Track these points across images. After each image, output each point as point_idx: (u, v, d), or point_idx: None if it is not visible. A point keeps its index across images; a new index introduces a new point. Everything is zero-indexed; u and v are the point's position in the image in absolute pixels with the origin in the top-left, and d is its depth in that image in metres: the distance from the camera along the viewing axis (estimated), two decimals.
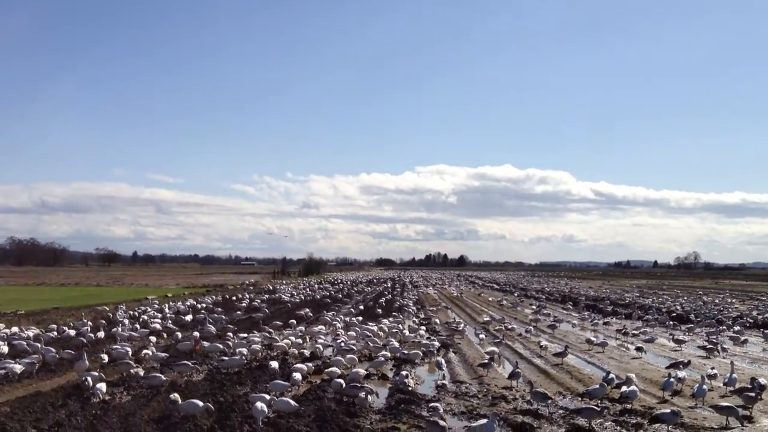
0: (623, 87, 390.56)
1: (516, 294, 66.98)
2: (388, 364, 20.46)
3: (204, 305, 42.36)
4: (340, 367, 18.69)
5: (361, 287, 75.74)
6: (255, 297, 52.99)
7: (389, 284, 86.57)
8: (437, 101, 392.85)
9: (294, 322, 31.63)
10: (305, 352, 22.59)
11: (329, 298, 52.61)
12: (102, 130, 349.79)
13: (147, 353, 20.79)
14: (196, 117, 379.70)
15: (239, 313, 37.85)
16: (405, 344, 24.17)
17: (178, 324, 30.80)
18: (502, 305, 50.61)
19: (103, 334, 26.00)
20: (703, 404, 15.44)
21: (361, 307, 43.72)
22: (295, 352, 22.56)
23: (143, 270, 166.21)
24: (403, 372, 18.05)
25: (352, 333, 26.36)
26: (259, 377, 17.85)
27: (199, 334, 26.08)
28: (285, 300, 50.30)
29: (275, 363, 18.98)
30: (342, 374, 17.70)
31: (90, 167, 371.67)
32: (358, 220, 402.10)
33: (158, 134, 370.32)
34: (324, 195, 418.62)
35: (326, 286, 72.90)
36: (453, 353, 24.01)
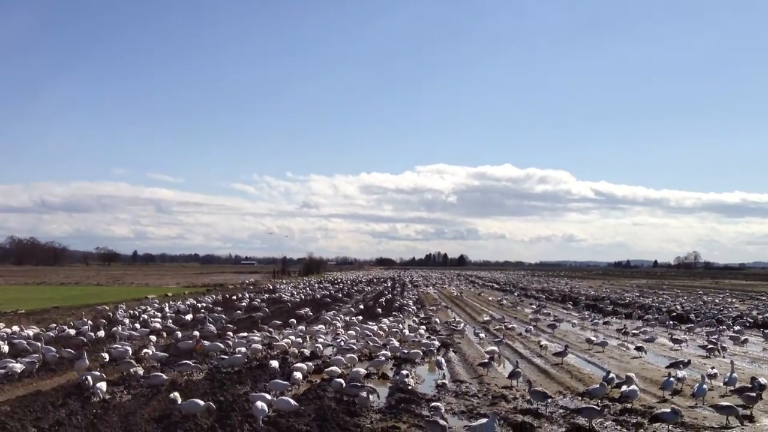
0: (623, 87, 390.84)
1: (516, 293, 66.97)
2: (388, 364, 20.46)
3: (204, 304, 42.37)
4: (340, 367, 18.71)
5: (361, 287, 75.76)
6: (255, 296, 53.00)
7: (389, 284, 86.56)
8: (437, 101, 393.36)
9: (294, 322, 31.66)
10: (305, 352, 22.62)
11: (329, 298, 52.61)
12: (102, 130, 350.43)
13: (147, 352, 20.81)
14: (196, 116, 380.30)
15: (239, 313, 37.85)
16: (405, 344, 24.17)
17: (179, 323, 30.81)
18: (502, 305, 50.63)
19: (104, 334, 26.05)
20: (704, 404, 15.45)
21: (361, 307, 43.74)
22: (295, 352, 22.57)
23: (143, 269, 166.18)
24: (404, 371, 18.05)
25: (352, 332, 26.35)
26: (260, 376, 17.86)
27: (200, 334, 26.12)
28: (285, 299, 50.32)
29: (275, 362, 18.98)
30: (342, 374, 17.73)
31: (90, 167, 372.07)
32: (358, 220, 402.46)
33: (158, 134, 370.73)
34: (324, 194, 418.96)
35: (326, 286, 72.90)
36: (453, 352, 24.01)
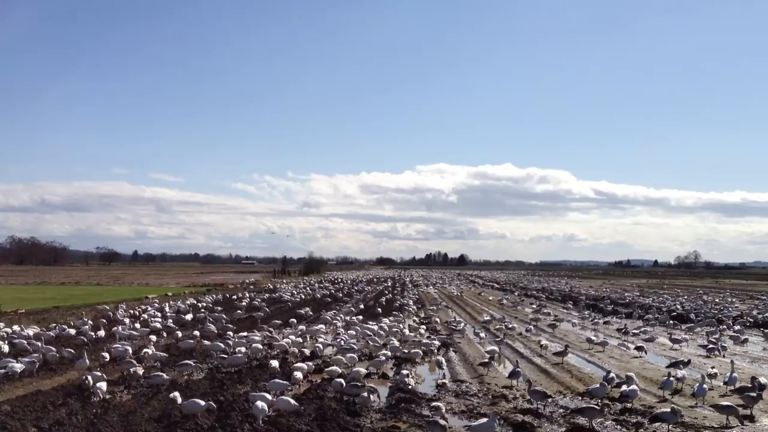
0: (623, 86, 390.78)
1: (516, 293, 66.95)
2: (389, 363, 20.46)
3: (204, 304, 42.37)
4: (341, 366, 18.72)
5: (362, 286, 75.73)
6: (255, 296, 53.00)
7: (389, 283, 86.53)
8: (437, 100, 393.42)
9: (294, 321, 31.67)
10: (305, 351, 22.61)
11: (329, 297, 52.60)
12: (103, 130, 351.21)
13: (147, 352, 20.80)
14: (197, 116, 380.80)
15: (240, 312, 37.85)
16: (405, 343, 24.15)
17: (179, 323, 30.80)
18: (503, 304, 50.60)
19: (104, 333, 26.05)
20: (704, 403, 15.45)
21: (362, 306, 43.76)
22: (296, 351, 22.57)
23: (144, 269, 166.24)
24: (404, 371, 18.05)
25: (353, 332, 26.34)
26: (260, 376, 17.86)
27: (200, 333, 26.13)
28: (285, 299, 50.31)
29: (275, 362, 18.98)
30: (342, 373, 17.73)
31: (90, 166, 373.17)
32: (359, 219, 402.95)
33: (159, 133, 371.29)
34: (324, 194, 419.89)
35: (326, 285, 72.89)
36: (453, 352, 24.01)
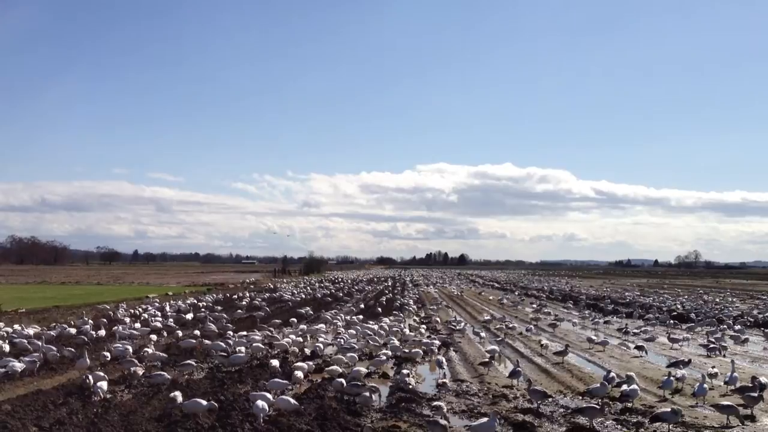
0: (624, 86, 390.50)
1: (516, 293, 66.97)
2: (389, 363, 20.46)
3: (205, 304, 42.39)
4: (341, 366, 18.72)
5: (362, 286, 75.74)
6: (256, 296, 53.02)
7: (390, 283, 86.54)
8: (437, 100, 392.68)
9: (294, 321, 31.67)
10: (306, 351, 22.61)
11: (330, 297, 52.59)
12: (103, 129, 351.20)
13: (147, 351, 20.79)
14: (197, 116, 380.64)
15: (240, 312, 37.86)
16: (406, 343, 24.15)
17: (179, 322, 30.81)
18: (503, 304, 50.61)
19: (104, 333, 26.07)
20: (704, 403, 15.45)
21: (362, 306, 43.78)
22: (296, 351, 22.58)
23: (144, 268, 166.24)
24: (404, 371, 18.06)
25: (353, 332, 26.35)
26: (260, 376, 17.86)
27: (201, 333, 26.13)
28: (286, 299, 50.32)
29: (276, 361, 18.97)
30: (343, 373, 17.74)
31: (91, 166, 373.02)
32: (359, 219, 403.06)
33: (159, 133, 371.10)
34: (324, 193, 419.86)
35: (327, 285, 72.91)
36: (454, 352, 24.01)
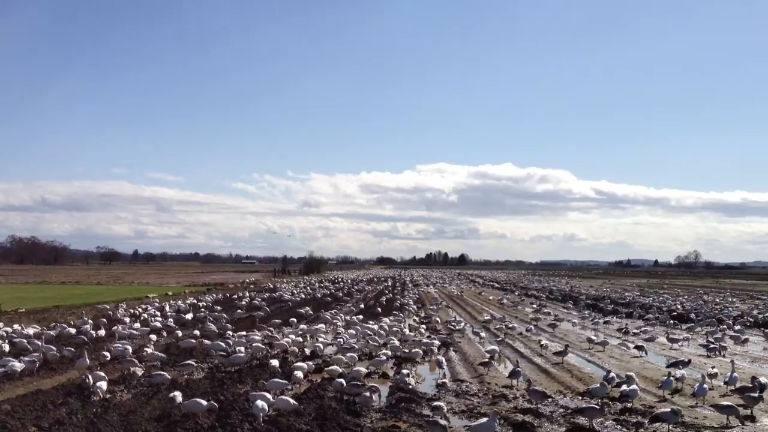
0: (624, 86, 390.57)
1: (516, 293, 66.97)
2: (389, 363, 20.45)
3: (205, 304, 42.38)
4: (341, 366, 18.71)
5: (362, 286, 75.72)
6: (256, 295, 53.01)
7: (390, 283, 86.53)
8: (437, 100, 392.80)
9: (294, 321, 31.67)
10: (306, 351, 22.60)
11: (330, 297, 52.58)
12: (103, 129, 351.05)
13: (146, 351, 20.77)
14: (197, 116, 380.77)
15: (240, 312, 37.85)
16: (405, 343, 24.14)
17: (179, 322, 30.81)
18: (503, 304, 50.59)
19: (104, 333, 26.06)
20: (704, 403, 15.45)
21: (362, 306, 43.78)
22: (296, 351, 22.57)
23: (144, 268, 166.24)
24: (404, 370, 18.05)
25: (353, 331, 26.35)
26: (260, 376, 17.85)
27: (201, 333, 26.12)
28: (286, 298, 50.31)
29: (275, 361, 18.97)
30: (342, 373, 17.73)
31: (91, 166, 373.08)
32: (359, 219, 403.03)
33: (159, 133, 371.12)
34: (324, 193, 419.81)
35: (327, 285, 72.90)
36: (453, 352, 24.00)
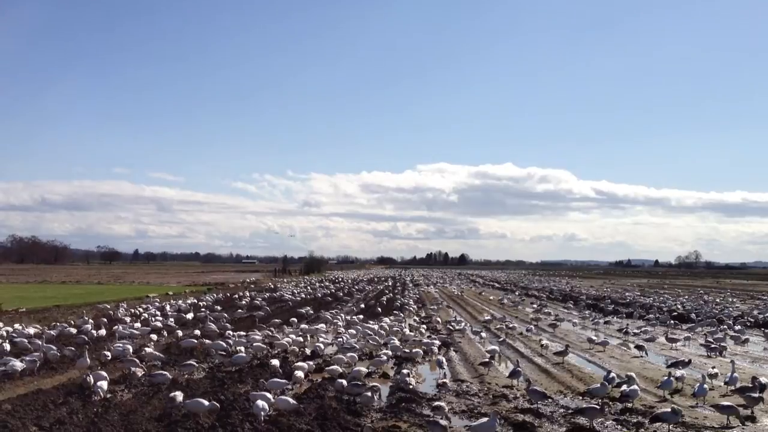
0: (624, 85, 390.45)
1: (517, 293, 66.95)
2: (389, 363, 20.46)
3: (205, 303, 42.39)
4: (341, 366, 18.72)
5: (362, 286, 75.70)
6: (256, 295, 53.01)
7: (390, 283, 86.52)
8: (438, 100, 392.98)
9: (295, 321, 31.67)
10: (306, 351, 22.61)
11: (330, 297, 52.59)
12: (103, 129, 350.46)
13: (146, 351, 20.77)
14: (197, 115, 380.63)
15: (241, 312, 37.86)
16: (406, 343, 24.15)
17: (180, 322, 30.82)
18: (503, 304, 50.59)
19: (105, 332, 26.07)
20: (704, 403, 15.45)
21: (362, 306, 43.78)
22: (296, 350, 22.57)
23: (144, 268, 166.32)
24: (404, 370, 18.06)
25: (353, 331, 26.35)
26: (261, 375, 17.84)
27: (201, 332, 26.12)
28: (286, 298, 50.32)
29: (276, 361, 18.97)
30: (343, 372, 17.74)
31: (91, 165, 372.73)
32: (359, 219, 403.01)
33: (159, 132, 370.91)
34: (325, 193, 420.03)
35: (327, 285, 72.91)
36: (454, 352, 24.00)
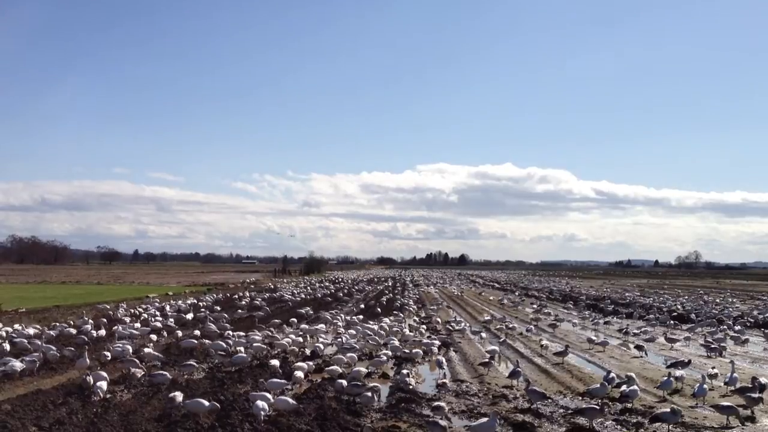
0: (624, 86, 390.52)
1: (517, 293, 66.92)
2: (389, 363, 20.45)
3: (205, 304, 42.37)
4: (341, 366, 18.72)
5: (362, 286, 75.66)
6: (256, 295, 53.00)
7: (390, 283, 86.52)
8: (438, 100, 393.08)
9: (295, 321, 31.66)
10: (306, 351, 22.60)
11: (330, 297, 52.59)
12: (103, 129, 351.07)
13: (146, 351, 20.76)
14: (197, 115, 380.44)
15: (241, 312, 37.85)
16: (406, 343, 24.14)
17: (180, 322, 30.81)
18: (503, 304, 50.57)
19: (105, 333, 26.06)
20: (704, 403, 15.45)
21: (362, 306, 43.78)
22: (296, 350, 22.57)
23: (144, 268, 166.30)
24: (404, 371, 18.05)
25: (353, 332, 26.35)
26: (260, 376, 17.84)
27: (202, 333, 26.12)
28: (286, 299, 50.30)
29: (276, 361, 18.97)
30: (342, 373, 17.73)
31: (91, 165, 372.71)
32: (359, 219, 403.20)
33: (159, 132, 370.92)
34: (325, 193, 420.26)
35: (327, 285, 72.89)
36: (454, 352, 24.00)
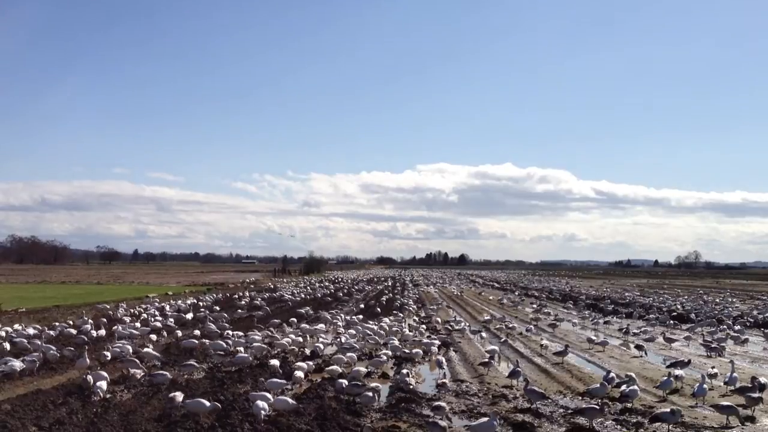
0: (624, 86, 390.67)
1: (516, 293, 66.93)
2: (389, 363, 20.45)
3: (205, 303, 42.37)
4: (341, 366, 18.72)
5: (362, 286, 75.67)
6: (256, 295, 53.00)
7: (390, 283, 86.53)
8: (438, 100, 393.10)
9: (294, 321, 31.66)
10: (306, 351, 22.60)
11: (330, 297, 52.60)
12: (103, 129, 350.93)
13: (145, 350, 20.75)
14: (197, 115, 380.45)
15: (241, 312, 37.85)
16: (405, 343, 24.14)
17: (180, 322, 30.80)
18: (503, 304, 50.59)
19: (104, 332, 26.06)
20: (704, 403, 15.45)
21: (362, 306, 43.78)
22: (296, 350, 22.57)
23: (144, 268, 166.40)
24: (404, 370, 18.06)
25: (353, 331, 26.35)
26: (260, 376, 17.84)
27: (202, 333, 26.11)
28: (286, 298, 50.31)
29: (276, 361, 18.96)
30: (342, 373, 17.73)
31: (91, 165, 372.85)
32: (359, 219, 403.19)
33: (159, 132, 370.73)
34: (325, 193, 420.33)
35: (327, 285, 72.90)
36: (453, 352, 24.00)
